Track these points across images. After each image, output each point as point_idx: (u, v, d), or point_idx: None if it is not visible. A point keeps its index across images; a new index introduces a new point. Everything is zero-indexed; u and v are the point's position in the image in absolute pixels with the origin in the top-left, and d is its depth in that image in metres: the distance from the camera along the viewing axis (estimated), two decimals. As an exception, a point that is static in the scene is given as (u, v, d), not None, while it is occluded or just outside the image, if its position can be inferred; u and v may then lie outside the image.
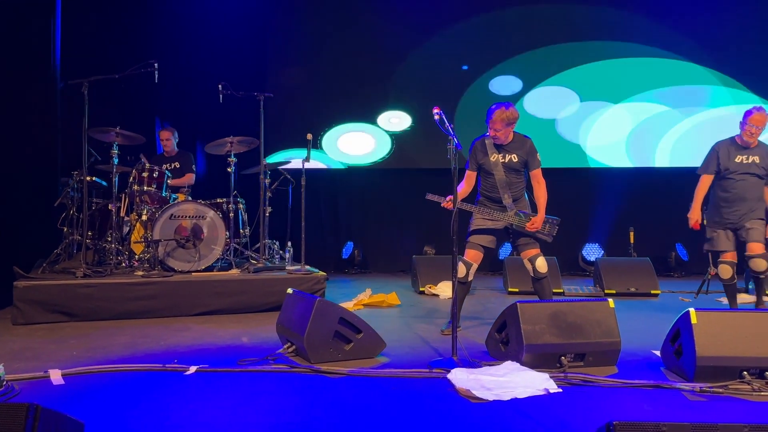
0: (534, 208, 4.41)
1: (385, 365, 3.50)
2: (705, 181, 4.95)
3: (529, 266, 4.37)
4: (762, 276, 4.71)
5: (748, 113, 4.73)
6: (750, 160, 4.78)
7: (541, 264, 4.32)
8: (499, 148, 4.36)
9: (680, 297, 6.23)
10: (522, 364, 3.32)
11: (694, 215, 5.01)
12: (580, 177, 8.20)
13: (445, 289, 6.14)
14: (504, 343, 3.60)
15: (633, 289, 6.34)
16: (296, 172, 5.81)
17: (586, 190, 8.26)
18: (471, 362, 3.42)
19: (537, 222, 4.31)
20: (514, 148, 4.35)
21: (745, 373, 3.07)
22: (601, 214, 8.19)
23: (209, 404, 2.82)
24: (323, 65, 8.14)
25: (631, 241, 7.63)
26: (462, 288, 4.43)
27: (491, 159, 4.35)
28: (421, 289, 6.41)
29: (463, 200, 4.41)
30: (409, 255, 7.24)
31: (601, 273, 6.52)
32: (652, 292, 6.32)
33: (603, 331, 3.46)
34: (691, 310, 3.18)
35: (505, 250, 8.05)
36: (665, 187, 8.00)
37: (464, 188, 4.45)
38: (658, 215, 7.92)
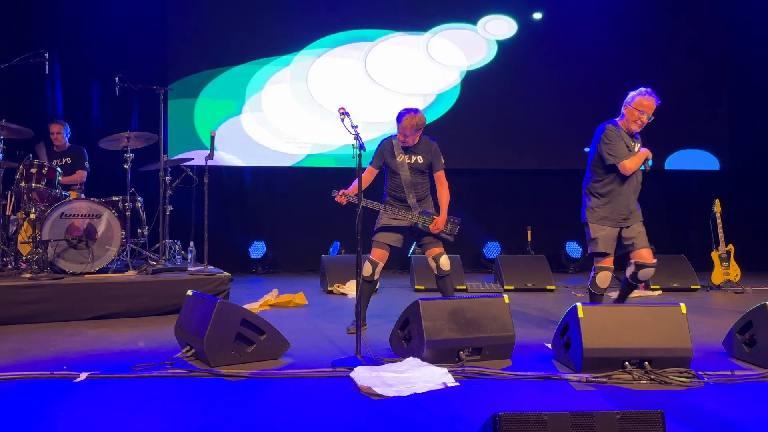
0: (438, 208, 4.52)
1: (288, 366, 3.48)
2: None
3: (433, 264, 4.48)
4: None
5: (641, 95, 4.20)
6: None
7: (445, 262, 4.44)
8: (406, 149, 4.45)
9: (573, 292, 6.59)
10: (423, 359, 3.40)
11: None
12: (482, 178, 8.49)
13: (353, 288, 6.18)
14: (407, 339, 3.67)
15: (530, 285, 6.64)
16: (200, 170, 5.65)
17: (488, 191, 8.56)
18: (374, 360, 3.47)
19: (439, 222, 4.42)
20: (420, 150, 4.45)
21: (627, 363, 3.29)
22: (502, 213, 8.53)
23: (101, 412, 2.70)
24: (227, 58, 7.95)
25: (529, 239, 8.00)
26: (368, 287, 4.48)
27: (398, 159, 4.43)
28: (329, 288, 6.41)
29: (367, 198, 4.43)
30: (318, 254, 7.23)
31: (501, 270, 6.79)
32: (548, 287, 6.65)
33: (499, 325, 3.61)
34: (578, 304, 3.38)
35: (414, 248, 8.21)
36: (560, 187, 8.46)
37: (363, 179, 4.44)
38: (553, 214, 8.35)
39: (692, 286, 6.65)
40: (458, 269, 6.59)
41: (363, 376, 3.12)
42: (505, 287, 6.61)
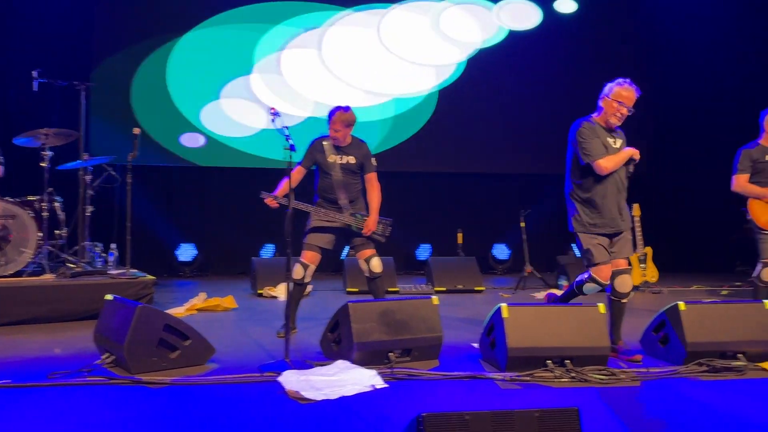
0: (369, 210, 4.53)
1: (213, 372, 3.39)
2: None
3: (364, 266, 4.48)
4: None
5: (619, 85, 3.79)
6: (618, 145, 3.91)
7: (376, 264, 4.45)
8: (338, 149, 4.44)
9: (501, 293, 6.75)
10: (353, 362, 3.40)
11: None
12: (414, 180, 8.57)
13: (284, 291, 6.09)
14: (337, 342, 3.66)
15: (460, 286, 6.76)
16: (124, 169, 5.44)
17: (419, 194, 8.65)
18: (303, 363, 3.44)
19: (370, 224, 4.43)
20: (352, 151, 4.45)
21: (548, 361, 3.40)
22: (433, 216, 8.64)
23: (12, 424, 2.55)
24: (156, 53, 7.71)
25: (459, 241, 8.14)
26: (298, 289, 4.44)
27: (329, 160, 4.41)
28: (259, 291, 6.32)
29: (298, 199, 4.39)
30: (249, 256, 7.11)
31: (432, 271, 6.88)
32: (477, 288, 6.79)
33: (427, 326, 3.65)
34: (503, 305, 3.47)
35: (347, 250, 8.20)
36: (489, 190, 8.67)
37: (292, 178, 4.39)
38: (482, 217, 8.55)
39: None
40: (390, 271, 6.64)
41: (291, 380, 3.08)
42: (436, 289, 6.70)
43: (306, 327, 4.62)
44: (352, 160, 4.44)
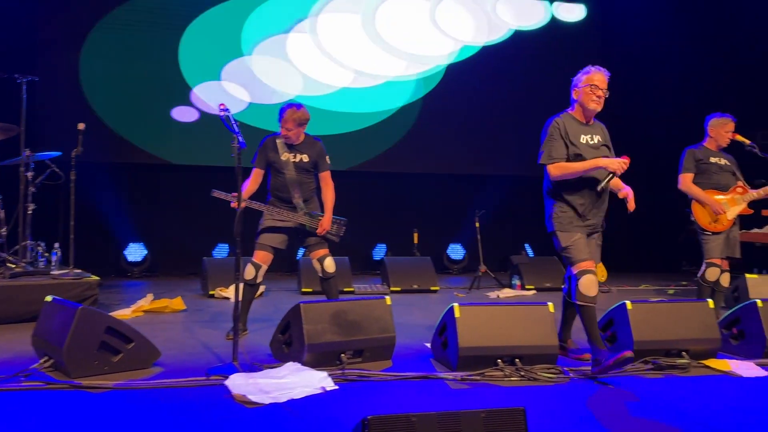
0: (324, 209, 4.47)
1: (158, 375, 3.29)
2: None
3: (317, 266, 4.43)
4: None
5: (586, 73, 3.68)
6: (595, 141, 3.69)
7: (329, 264, 4.40)
8: (291, 147, 4.37)
9: (455, 292, 6.79)
10: (304, 364, 3.35)
11: None
12: (370, 180, 8.55)
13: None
14: (287, 344, 3.60)
15: (415, 286, 6.76)
16: (68, 166, 5.24)
17: (376, 194, 8.63)
18: (252, 366, 3.37)
19: (325, 224, 4.38)
20: (305, 149, 4.39)
21: (499, 360, 3.42)
22: (390, 216, 8.63)
23: (-66, 435, 2.41)
24: (105, 46, 7.46)
25: (415, 241, 8.16)
26: (249, 290, 4.36)
27: (282, 158, 4.34)
28: (210, 292, 6.18)
29: (252, 198, 4.33)
30: (200, 256, 6.95)
31: (387, 271, 6.87)
32: (432, 288, 6.81)
33: (380, 327, 3.63)
34: (455, 305, 3.47)
35: (303, 250, 8.10)
36: (444, 190, 8.72)
37: (251, 186, 4.38)
38: (438, 217, 8.59)
39: (563, 286, 7.02)
40: (346, 271, 6.60)
41: (238, 383, 3.01)
42: (392, 289, 6.69)
43: (257, 328, 4.54)
44: (305, 158, 4.38)
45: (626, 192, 3.69)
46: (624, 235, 8.91)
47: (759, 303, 3.84)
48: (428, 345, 3.94)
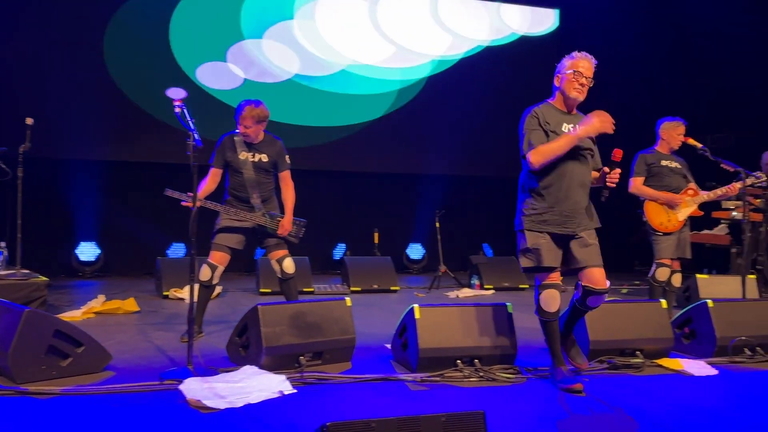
0: (283, 209, 4.41)
1: (109, 380, 3.18)
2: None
3: (276, 267, 4.35)
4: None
5: (571, 58, 3.29)
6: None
7: (289, 265, 4.33)
8: (249, 146, 4.28)
9: (415, 292, 6.80)
10: (261, 367, 3.28)
11: None
12: (331, 180, 8.50)
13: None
14: (244, 347, 3.53)
15: (376, 286, 6.75)
16: (15, 162, 5.04)
17: (336, 193, 8.58)
18: (207, 370, 3.29)
19: (285, 224, 4.30)
20: (264, 148, 4.31)
21: (458, 361, 3.42)
22: (350, 216, 8.59)
23: None
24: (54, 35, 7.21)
25: (376, 241, 8.15)
26: (205, 292, 4.27)
27: (240, 157, 4.24)
28: (165, 293, 6.03)
29: (208, 198, 4.23)
30: (155, 256, 6.78)
31: (348, 271, 6.83)
32: (392, 288, 6.81)
33: (340, 328, 3.59)
34: (415, 306, 3.46)
35: (261, 251, 7.96)
36: (405, 191, 8.73)
37: (208, 185, 4.27)
38: (398, 217, 8.60)
39: (521, 286, 7.15)
40: (306, 271, 6.53)
41: (193, 388, 2.93)
42: (352, 289, 6.66)
43: (213, 331, 4.45)
44: (265, 157, 4.30)
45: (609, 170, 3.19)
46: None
47: (710, 303, 3.94)
48: (388, 346, 3.92)
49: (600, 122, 3.10)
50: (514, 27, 9.32)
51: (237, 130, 4.25)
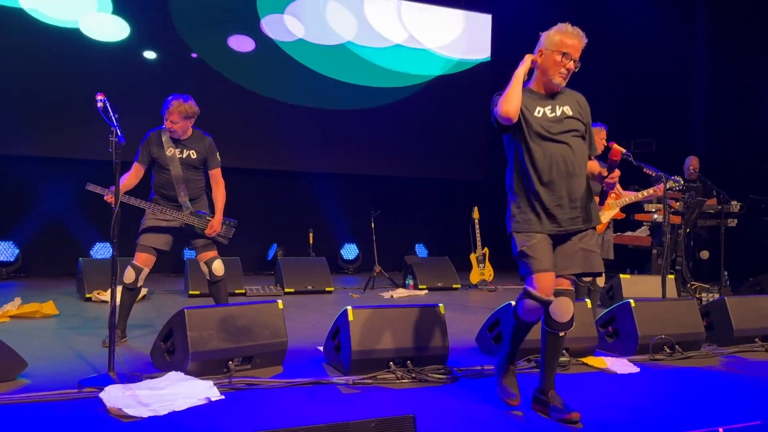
0: (213, 208, 4.28)
1: (24, 388, 3.00)
2: None
3: (205, 269, 4.23)
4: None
5: (559, 31, 2.84)
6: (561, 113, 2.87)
7: (218, 267, 4.22)
8: (177, 142, 4.13)
9: (350, 293, 6.77)
10: (187, 373, 3.17)
11: None
12: (266, 179, 8.36)
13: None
14: (170, 352, 3.40)
15: (310, 287, 6.68)
16: None
17: (271, 192, 8.46)
18: (130, 376, 3.15)
19: (215, 224, 4.19)
20: (193, 144, 4.17)
21: (391, 363, 3.42)
22: (284, 215, 8.48)
23: None
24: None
25: (311, 241, 8.07)
26: (129, 294, 4.09)
27: (167, 153, 4.09)
28: (87, 295, 5.76)
29: (131, 195, 4.03)
30: (77, 256, 6.47)
31: (281, 272, 6.73)
32: (327, 289, 6.76)
33: (271, 332, 3.52)
34: (349, 308, 3.43)
35: (190, 252, 7.72)
36: (340, 190, 8.70)
37: (129, 181, 4.09)
38: (333, 217, 8.56)
39: (454, 285, 7.25)
40: (237, 272, 6.40)
41: (115, 396, 2.80)
42: (285, 290, 6.57)
43: (138, 335, 4.28)
44: (193, 153, 4.16)
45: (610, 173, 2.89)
46: (506, 233, 9.33)
47: (632, 303, 4.10)
48: (321, 348, 3.88)
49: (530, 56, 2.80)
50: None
51: (164, 126, 4.11)
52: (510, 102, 2.75)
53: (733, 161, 8.50)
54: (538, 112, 2.82)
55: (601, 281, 5.11)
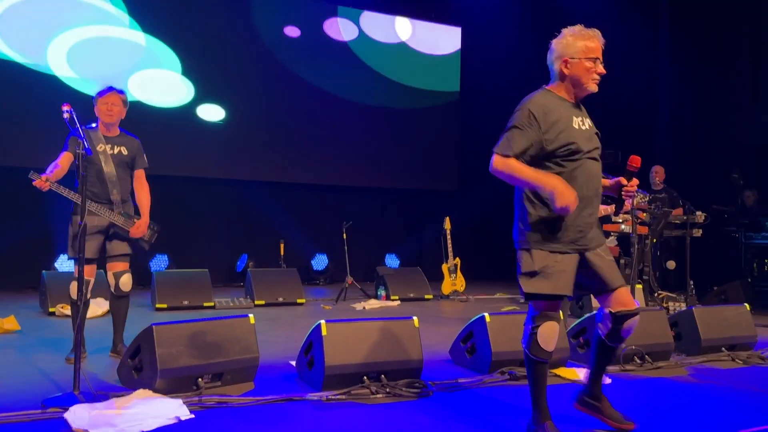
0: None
1: (-18, 411, 2.88)
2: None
3: (112, 281, 4.01)
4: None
5: (577, 36, 2.67)
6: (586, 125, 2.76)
7: (126, 281, 4.03)
8: (106, 139, 4.02)
9: (322, 305, 6.71)
10: (156, 391, 3.09)
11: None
12: (236, 189, 8.25)
13: (93, 310, 5.43)
14: (137, 369, 3.31)
15: (281, 299, 6.61)
16: None
17: (242, 203, 8.35)
18: (96, 395, 3.05)
19: (142, 226, 4.04)
20: (122, 141, 4.07)
21: (365, 377, 3.39)
22: (255, 226, 8.38)
23: None
24: None
25: (282, 252, 7.99)
26: (79, 309, 3.94)
27: (98, 149, 3.95)
28: (51, 309, 5.60)
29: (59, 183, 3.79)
30: (39, 268, 6.28)
31: (252, 284, 6.64)
32: (298, 300, 6.69)
33: (242, 347, 3.45)
34: (322, 322, 3.39)
35: (157, 263, 7.58)
36: (312, 201, 8.65)
37: (62, 170, 3.86)
38: (305, 228, 8.51)
39: (426, 296, 7.25)
40: (206, 285, 6.29)
41: (80, 416, 2.71)
42: (256, 302, 6.48)
43: (104, 351, 4.16)
44: (124, 150, 4.05)
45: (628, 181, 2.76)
46: (480, 245, 9.38)
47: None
48: (293, 363, 3.82)
49: (566, 201, 2.46)
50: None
51: (93, 125, 4.00)
52: (510, 179, 2.59)
53: (695, 172, 8.71)
54: (575, 124, 2.65)
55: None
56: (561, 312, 4.05)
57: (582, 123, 2.68)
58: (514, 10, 9.61)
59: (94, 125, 4.03)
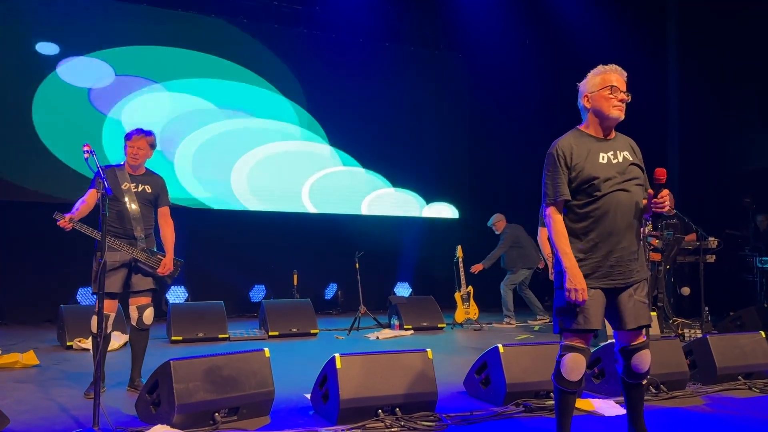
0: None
1: (4, 448, 2.93)
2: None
3: (135, 315, 4.09)
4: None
5: (598, 73, 2.86)
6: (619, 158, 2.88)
7: (149, 315, 4.11)
8: (132, 177, 4.15)
9: (335, 335, 6.73)
10: (173, 426, 3.13)
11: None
12: (249, 219, 8.34)
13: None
14: (155, 404, 3.35)
15: (295, 330, 6.63)
16: None
17: (255, 233, 8.42)
18: (115, 430, 3.10)
19: (168, 263, 4.13)
20: (147, 179, 4.20)
21: (380, 411, 3.40)
22: (268, 256, 8.44)
23: None
24: None
25: (295, 282, 8.03)
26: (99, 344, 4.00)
27: (122, 187, 4.08)
28: (68, 343, 5.66)
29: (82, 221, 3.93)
30: (57, 302, 6.37)
31: (265, 315, 6.68)
32: (312, 331, 6.71)
33: (258, 381, 3.48)
34: (337, 355, 3.42)
35: (175, 295, 7.64)
36: (324, 231, 8.71)
37: (88, 207, 4.04)
38: (318, 258, 8.56)
39: (439, 325, 7.24)
40: (220, 315, 6.34)
41: (100, 453, 2.75)
42: (270, 333, 6.51)
43: (122, 386, 4.20)
44: (148, 188, 4.18)
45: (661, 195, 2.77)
46: (492, 273, 9.37)
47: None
48: (308, 396, 3.84)
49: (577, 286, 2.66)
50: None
51: (121, 163, 4.16)
52: (551, 239, 2.77)
53: (706, 197, 8.69)
54: (603, 159, 2.77)
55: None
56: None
57: (614, 156, 2.80)
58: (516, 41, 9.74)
59: (122, 163, 4.18)
